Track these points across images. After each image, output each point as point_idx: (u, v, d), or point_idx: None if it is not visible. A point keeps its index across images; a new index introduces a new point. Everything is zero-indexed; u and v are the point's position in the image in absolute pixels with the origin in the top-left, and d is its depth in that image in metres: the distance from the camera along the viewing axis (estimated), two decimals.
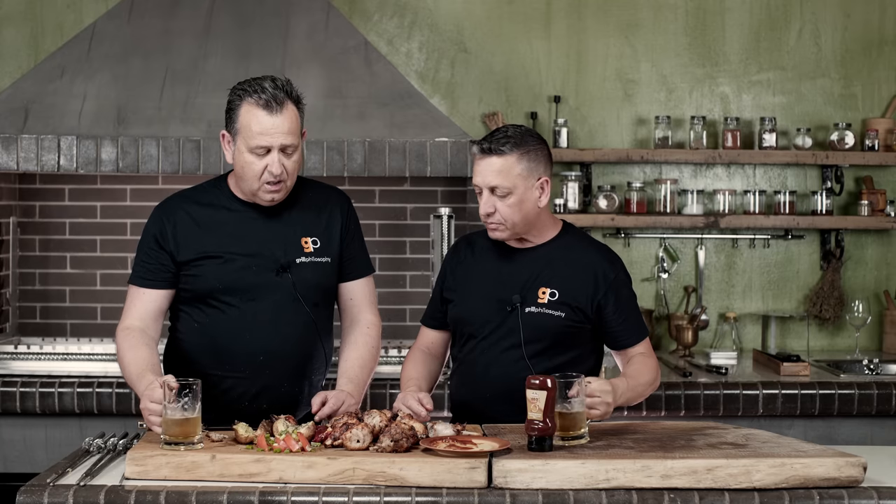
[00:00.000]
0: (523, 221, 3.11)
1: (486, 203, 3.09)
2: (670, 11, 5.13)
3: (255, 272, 3.11)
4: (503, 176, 3.05)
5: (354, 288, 3.28)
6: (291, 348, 3.15)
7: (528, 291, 3.14)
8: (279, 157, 3.03)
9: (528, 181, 3.07)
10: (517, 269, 3.18)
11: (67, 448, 3.97)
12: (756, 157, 5.03)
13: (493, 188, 3.06)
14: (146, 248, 3.16)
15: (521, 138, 3.08)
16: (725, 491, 2.62)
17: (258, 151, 3.02)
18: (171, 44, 4.63)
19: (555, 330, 3.12)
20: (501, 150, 3.05)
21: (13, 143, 4.36)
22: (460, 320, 3.23)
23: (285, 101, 3.03)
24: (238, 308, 3.12)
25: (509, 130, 3.09)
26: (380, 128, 4.46)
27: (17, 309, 4.94)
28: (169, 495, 2.57)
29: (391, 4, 5.08)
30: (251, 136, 3.01)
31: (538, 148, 3.10)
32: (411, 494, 2.59)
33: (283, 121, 3.02)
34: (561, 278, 3.14)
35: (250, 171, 3.05)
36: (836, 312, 5.09)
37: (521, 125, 3.17)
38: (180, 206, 3.18)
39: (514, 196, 3.06)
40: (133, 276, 3.18)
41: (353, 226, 3.29)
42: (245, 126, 3.02)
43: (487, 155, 3.06)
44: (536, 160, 3.09)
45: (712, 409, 4.22)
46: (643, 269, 5.17)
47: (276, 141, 3.01)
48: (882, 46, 5.17)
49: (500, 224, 3.11)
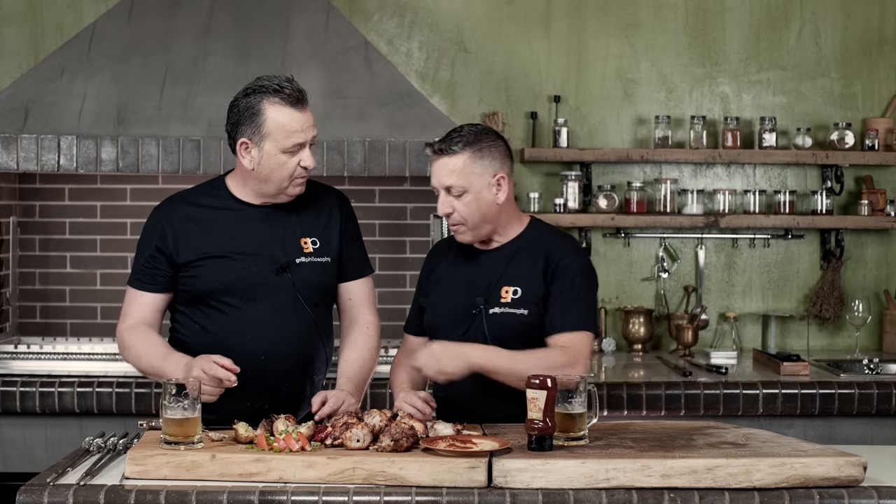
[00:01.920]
0: (483, 220, 3.09)
1: (444, 203, 3.08)
2: (670, 11, 5.13)
3: (256, 273, 3.12)
4: (456, 175, 3.04)
5: (353, 288, 3.29)
6: (292, 348, 3.15)
7: (492, 292, 3.11)
8: (310, 150, 3.08)
9: (483, 179, 3.05)
10: (482, 271, 3.16)
11: (67, 448, 3.97)
12: (756, 157, 5.03)
13: (448, 188, 3.06)
14: (145, 252, 3.17)
15: (475, 136, 3.06)
16: (725, 490, 2.62)
17: (293, 149, 3.04)
18: (171, 44, 4.63)
19: (519, 328, 3.09)
20: (453, 150, 3.04)
21: (13, 142, 4.36)
22: (432, 327, 3.23)
23: (304, 93, 3.07)
24: (238, 308, 3.12)
25: (463, 130, 3.08)
26: (380, 128, 4.46)
27: (17, 309, 4.94)
28: (169, 495, 2.57)
29: (391, 4, 5.08)
30: (286, 135, 3.02)
31: (493, 145, 3.08)
32: (411, 494, 2.59)
33: (309, 114, 3.07)
34: (523, 275, 3.11)
35: (284, 171, 3.06)
36: (836, 312, 5.09)
37: (479, 124, 3.14)
38: (179, 208, 3.18)
39: (469, 194, 3.05)
40: (132, 278, 3.19)
41: (352, 226, 3.29)
42: (278, 127, 3.02)
43: (440, 155, 3.06)
44: (491, 157, 3.07)
45: (712, 409, 4.21)
46: (643, 268, 5.17)
47: (309, 135, 3.06)
48: (882, 46, 5.17)
49: (461, 224, 3.10)
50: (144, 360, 3.10)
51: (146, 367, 3.12)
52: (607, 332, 5.12)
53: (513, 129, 5.10)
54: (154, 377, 3.16)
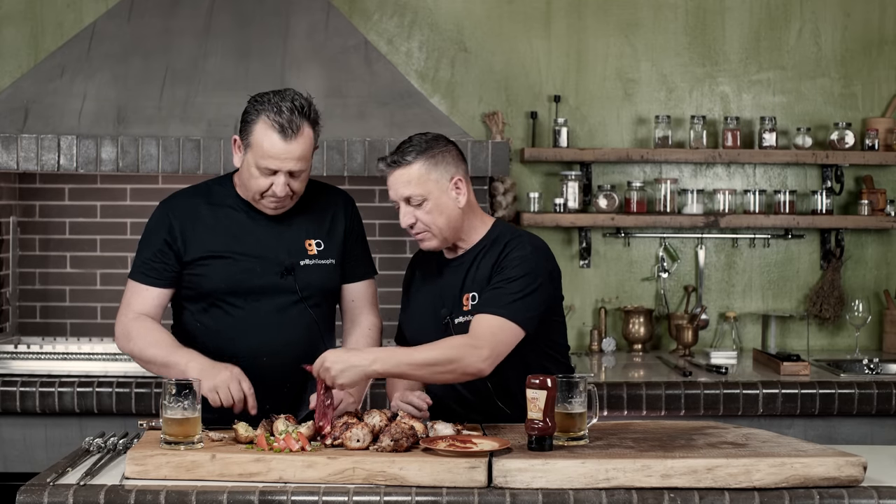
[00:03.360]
0: (448, 225, 3.05)
1: (405, 215, 3.04)
2: (670, 11, 5.13)
3: (260, 274, 3.12)
4: (414, 185, 3.00)
5: (356, 290, 3.29)
6: (294, 349, 3.14)
7: (455, 302, 3.09)
8: (286, 179, 3.02)
9: (440, 184, 3.02)
10: (448, 280, 3.13)
11: (67, 448, 3.97)
12: (756, 157, 5.03)
13: (407, 198, 3.02)
14: (152, 246, 3.14)
15: (426, 144, 3.03)
16: (725, 490, 2.62)
17: (265, 171, 3.02)
18: (171, 43, 4.63)
19: None
20: (406, 160, 3.00)
21: (13, 142, 4.36)
22: (410, 341, 3.20)
23: (302, 126, 3.00)
24: (242, 309, 3.12)
25: (413, 140, 3.04)
26: (380, 127, 4.46)
27: (17, 308, 4.94)
28: (169, 495, 2.57)
29: (391, 4, 5.08)
30: (261, 155, 3.00)
31: (445, 150, 3.05)
32: (411, 494, 2.59)
33: (295, 147, 3.00)
34: (480, 279, 3.07)
35: (255, 186, 3.05)
36: (836, 312, 5.09)
37: (428, 132, 3.10)
38: (187, 204, 3.17)
39: (429, 202, 3.02)
40: (135, 271, 3.16)
41: (357, 227, 3.30)
42: (257, 144, 3.00)
43: (394, 167, 3.01)
44: (445, 162, 3.03)
45: (712, 409, 4.21)
46: (643, 268, 5.17)
47: (285, 166, 3.00)
48: (882, 46, 5.17)
49: (426, 232, 3.06)
50: (149, 350, 3.07)
51: (150, 358, 3.08)
52: (607, 332, 5.12)
53: (513, 129, 5.10)
54: (156, 369, 3.11)
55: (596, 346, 5.05)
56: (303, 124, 3.01)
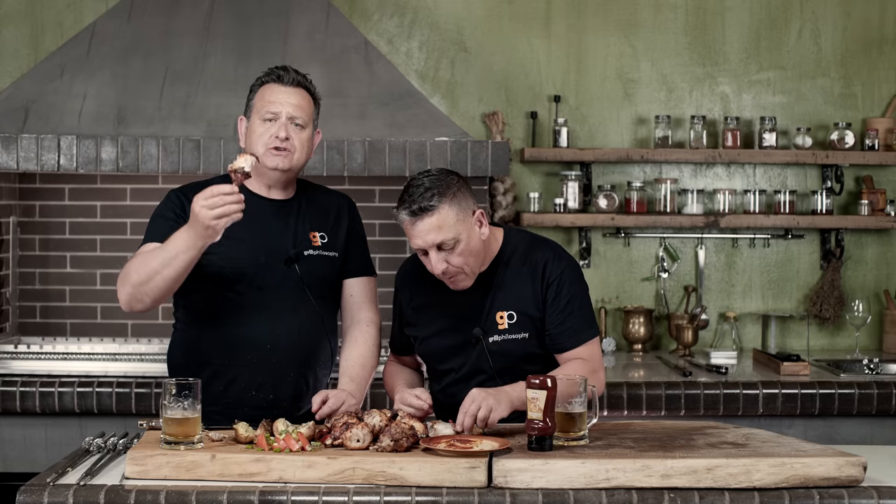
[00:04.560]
0: (478, 261, 3.01)
1: (437, 261, 2.95)
2: (670, 11, 5.13)
3: (264, 262, 3.15)
4: (444, 230, 2.91)
5: (355, 285, 3.31)
6: (297, 338, 3.17)
7: (488, 320, 3.05)
8: (286, 123, 3.11)
9: (467, 223, 2.95)
10: (470, 296, 3.06)
11: (67, 448, 3.97)
12: (756, 157, 5.03)
13: (439, 245, 2.94)
14: (166, 218, 3.10)
15: (442, 184, 2.93)
16: (725, 490, 2.62)
17: (268, 116, 3.11)
18: (171, 43, 4.63)
19: (523, 353, 3.05)
20: (431, 207, 2.90)
21: (13, 142, 4.36)
22: (430, 358, 3.19)
23: (301, 82, 3.18)
24: (245, 296, 3.14)
25: (425, 182, 2.93)
26: (380, 127, 4.46)
27: (17, 308, 4.94)
28: (169, 495, 2.57)
29: (391, 4, 5.08)
30: (263, 104, 3.13)
31: (459, 185, 2.97)
32: (411, 494, 2.59)
33: (293, 93, 3.15)
34: (513, 295, 3.05)
35: (260, 140, 3.11)
36: (836, 312, 5.09)
37: (430, 169, 3.00)
38: (197, 191, 3.16)
39: (461, 244, 2.94)
40: (149, 235, 3.09)
41: (358, 228, 3.35)
42: (259, 99, 3.15)
43: (419, 217, 2.91)
44: (464, 198, 2.96)
45: (712, 409, 4.21)
46: (643, 268, 5.17)
47: (284, 109, 3.11)
48: (882, 46, 5.17)
49: (459, 273, 2.99)
50: (151, 259, 2.95)
51: (155, 266, 2.94)
52: (607, 332, 5.12)
53: (513, 129, 5.10)
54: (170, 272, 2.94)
55: None
56: (303, 82, 3.19)
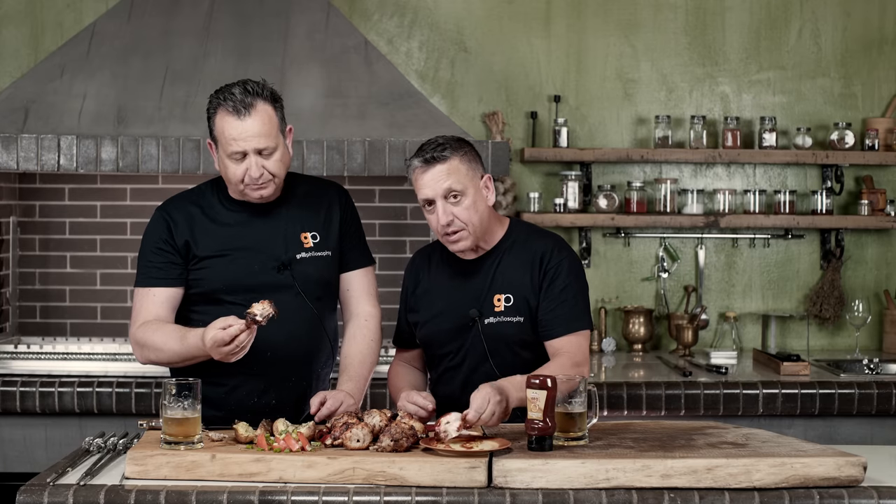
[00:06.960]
0: (481, 224, 3.07)
1: (444, 213, 3.02)
2: (670, 11, 5.13)
3: (258, 271, 3.14)
4: (454, 178, 3.01)
5: (352, 279, 3.29)
6: (297, 343, 3.16)
7: (485, 302, 3.10)
8: (256, 159, 3.05)
9: (475, 181, 3.06)
10: (471, 280, 3.13)
11: (67, 448, 3.97)
12: (756, 157, 5.03)
13: (447, 192, 3.01)
14: (152, 248, 3.15)
15: (456, 142, 3.06)
16: (725, 490, 2.62)
17: (235, 157, 3.05)
18: (171, 43, 4.63)
19: (516, 336, 3.09)
20: (444, 156, 3.01)
21: (13, 142, 4.36)
22: (428, 344, 3.21)
23: (254, 103, 3.03)
24: (242, 306, 3.12)
25: (439, 140, 3.06)
26: (380, 127, 4.46)
27: (17, 308, 4.94)
28: (169, 495, 2.57)
29: (391, 4, 5.08)
30: (226, 142, 3.05)
31: (470, 149, 3.09)
32: (411, 494, 2.59)
33: (252, 123, 3.03)
34: (513, 281, 3.10)
35: (232, 176, 3.08)
36: (836, 312, 5.09)
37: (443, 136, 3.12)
38: (181, 208, 3.19)
39: (468, 197, 3.03)
40: (140, 278, 3.16)
41: (351, 217, 3.31)
42: (220, 133, 3.06)
43: (431, 164, 3.01)
44: (475, 160, 3.08)
45: (712, 409, 4.21)
46: (643, 268, 5.17)
47: (248, 145, 3.03)
48: (882, 46, 5.17)
49: (462, 230, 3.05)
50: (165, 349, 3.04)
51: (169, 356, 3.04)
52: (607, 332, 5.12)
53: (513, 129, 5.10)
54: (182, 363, 3.05)
55: (596, 347, 5.05)
56: (255, 101, 3.04)
